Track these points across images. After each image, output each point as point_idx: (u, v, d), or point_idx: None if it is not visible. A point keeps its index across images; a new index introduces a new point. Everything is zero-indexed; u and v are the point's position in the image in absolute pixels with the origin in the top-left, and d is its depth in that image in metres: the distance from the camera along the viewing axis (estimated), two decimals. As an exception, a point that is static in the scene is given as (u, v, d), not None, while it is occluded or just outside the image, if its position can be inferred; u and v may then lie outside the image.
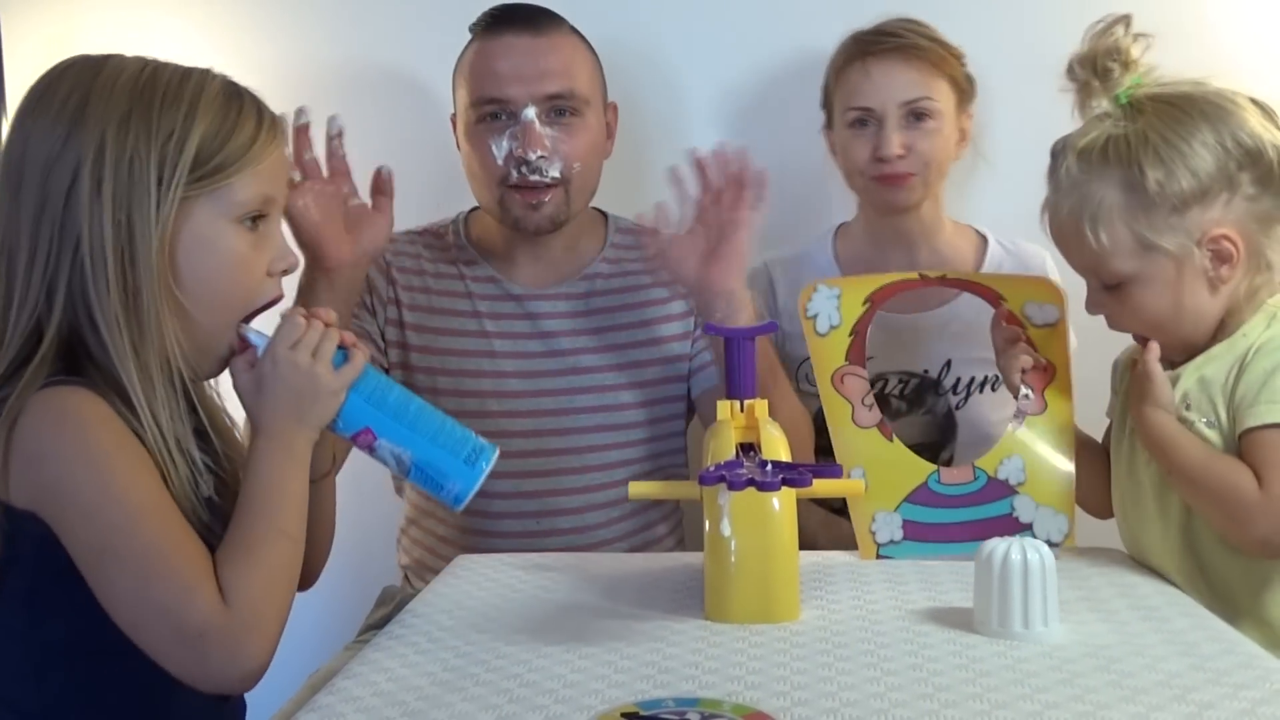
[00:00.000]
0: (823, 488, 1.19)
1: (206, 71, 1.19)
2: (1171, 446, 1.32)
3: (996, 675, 1.04)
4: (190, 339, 1.16)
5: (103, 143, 1.12)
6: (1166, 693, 1.00)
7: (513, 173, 1.67)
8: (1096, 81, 1.36)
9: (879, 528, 1.43)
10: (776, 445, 1.25)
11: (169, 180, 1.13)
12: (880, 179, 1.77)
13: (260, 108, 1.20)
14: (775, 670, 1.06)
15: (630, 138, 1.87)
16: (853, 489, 1.34)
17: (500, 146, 1.68)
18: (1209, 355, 1.34)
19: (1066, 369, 1.48)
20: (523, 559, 1.45)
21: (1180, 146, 1.30)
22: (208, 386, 1.23)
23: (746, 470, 1.14)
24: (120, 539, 1.08)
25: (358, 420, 1.19)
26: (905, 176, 1.76)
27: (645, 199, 1.83)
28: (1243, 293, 1.34)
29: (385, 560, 1.89)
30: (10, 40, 2.01)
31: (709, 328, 1.44)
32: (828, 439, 1.49)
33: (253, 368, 1.18)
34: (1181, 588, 1.33)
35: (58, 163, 1.12)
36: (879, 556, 1.42)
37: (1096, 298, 1.39)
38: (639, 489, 1.26)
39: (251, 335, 1.19)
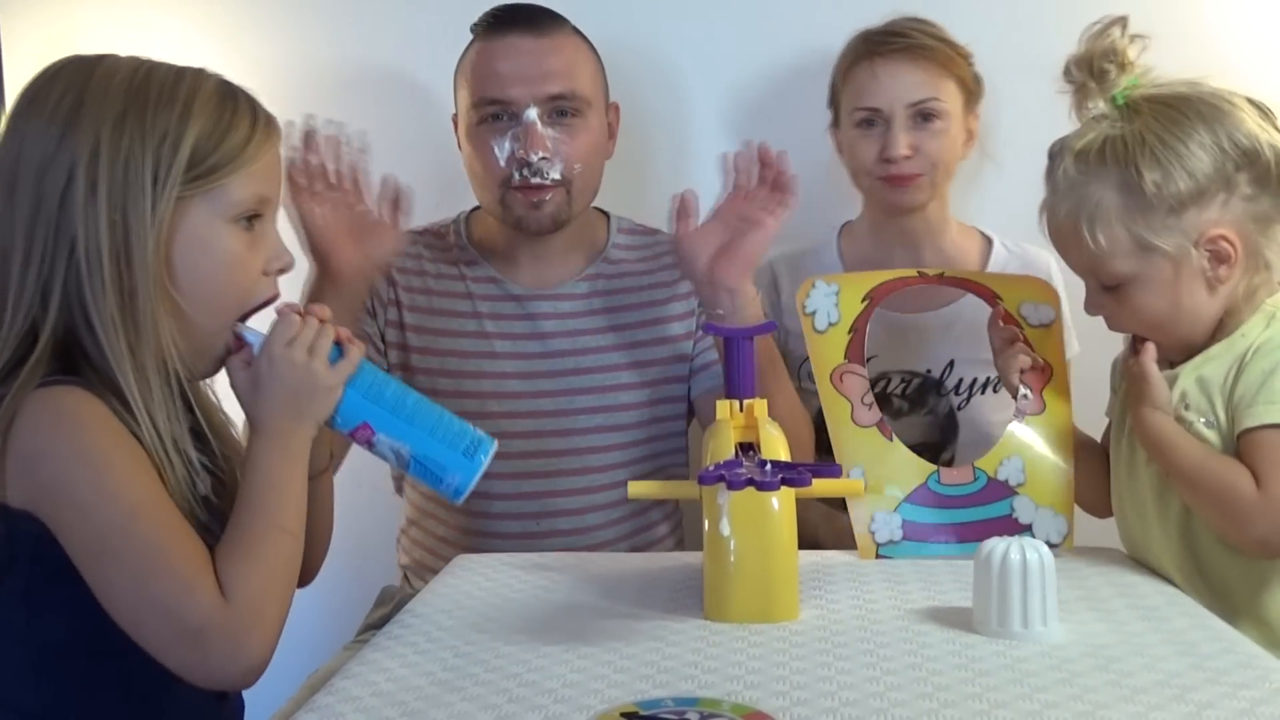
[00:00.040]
0: (822, 487, 1.19)
1: (201, 71, 1.18)
2: (1169, 447, 1.32)
3: (996, 675, 1.04)
4: (186, 339, 1.16)
5: (97, 144, 1.12)
6: (1166, 692, 1.00)
7: (515, 175, 1.67)
8: (1093, 83, 1.35)
9: (878, 528, 1.43)
10: (776, 445, 1.25)
11: (164, 181, 1.12)
12: (887, 179, 1.76)
13: (255, 107, 1.19)
14: (774, 670, 1.06)
15: (632, 137, 1.87)
16: (852, 489, 1.34)
17: (502, 148, 1.68)
18: (1207, 355, 1.34)
19: (1063, 369, 1.48)
20: (522, 559, 1.45)
21: (1177, 147, 1.30)
22: (204, 386, 1.23)
23: (746, 470, 1.14)
24: (118, 537, 1.08)
25: (355, 416, 1.19)
26: (912, 177, 1.76)
27: (647, 199, 1.84)
28: (1241, 293, 1.33)
29: (385, 560, 1.89)
30: (10, 40, 2.01)
31: (709, 327, 1.44)
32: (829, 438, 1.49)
33: (249, 366, 1.18)
34: (1180, 587, 1.33)
35: (52, 164, 1.12)
36: (878, 556, 1.42)
37: (1095, 298, 1.39)
38: (638, 489, 1.26)
39: (247, 334, 1.19)
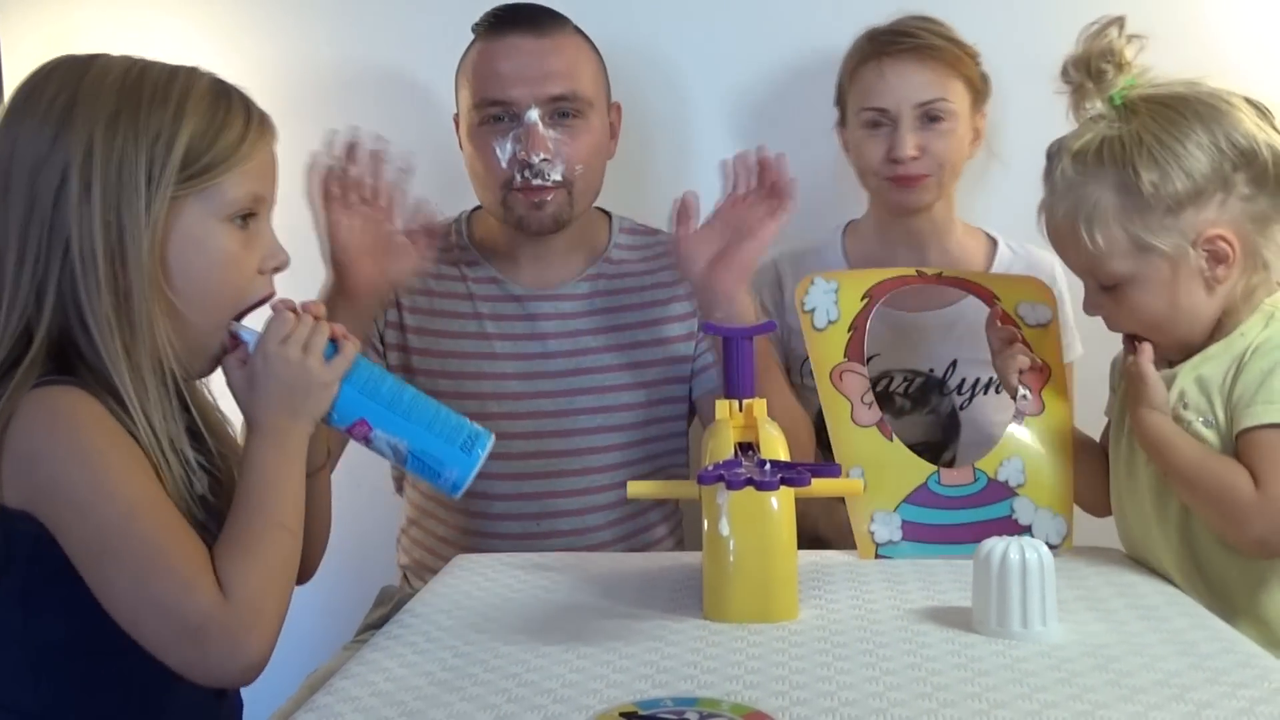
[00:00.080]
0: (821, 487, 1.19)
1: (194, 70, 1.18)
2: (1167, 447, 1.32)
3: (995, 675, 1.04)
4: (182, 338, 1.16)
5: (91, 144, 1.11)
6: (1165, 692, 1.00)
7: (516, 176, 1.67)
8: (1090, 83, 1.35)
9: (878, 528, 1.42)
10: (775, 445, 1.24)
11: (158, 180, 1.12)
12: (894, 180, 1.76)
13: (248, 106, 1.19)
14: (774, 670, 1.06)
15: (634, 137, 1.87)
16: (851, 489, 1.34)
17: (504, 149, 1.67)
18: (1206, 355, 1.34)
19: (1061, 369, 1.48)
20: (521, 559, 1.45)
21: (1174, 148, 1.30)
22: (200, 385, 1.23)
23: (745, 470, 1.14)
24: (116, 536, 1.08)
25: (352, 412, 1.19)
26: (919, 178, 1.75)
27: (649, 199, 1.83)
28: (1239, 293, 1.33)
29: (384, 560, 1.89)
30: (9, 40, 2.01)
31: (708, 327, 1.44)
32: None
33: (245, 365, 1.18)
34: (1180, 587, 1.33)
35: (46, 164, 1.12)
36: (878, 556, 1.42)
37: (1094, 298, 1.39)
38: (638, 489, 1.26)
39: (243, 332, 1.19)
